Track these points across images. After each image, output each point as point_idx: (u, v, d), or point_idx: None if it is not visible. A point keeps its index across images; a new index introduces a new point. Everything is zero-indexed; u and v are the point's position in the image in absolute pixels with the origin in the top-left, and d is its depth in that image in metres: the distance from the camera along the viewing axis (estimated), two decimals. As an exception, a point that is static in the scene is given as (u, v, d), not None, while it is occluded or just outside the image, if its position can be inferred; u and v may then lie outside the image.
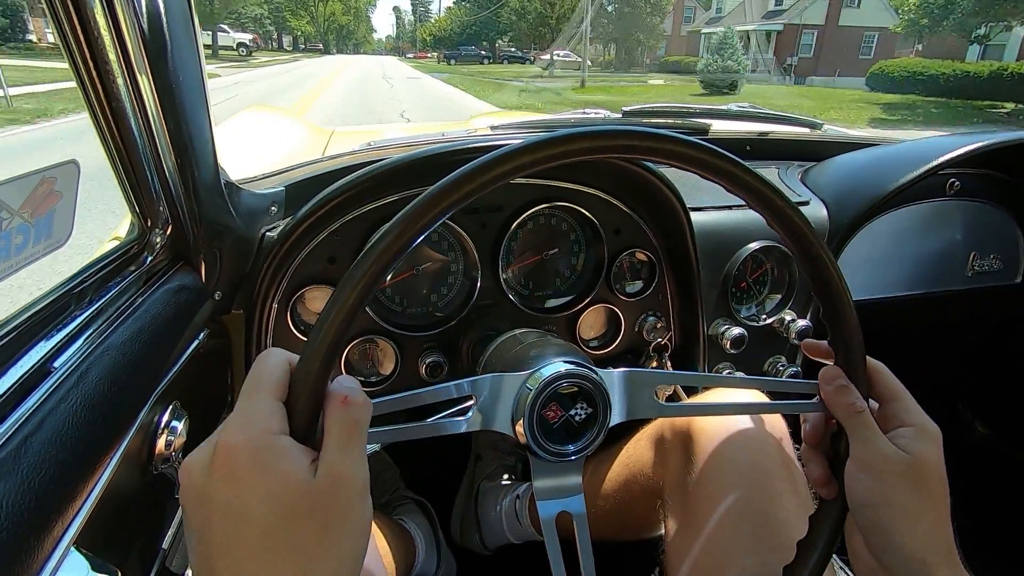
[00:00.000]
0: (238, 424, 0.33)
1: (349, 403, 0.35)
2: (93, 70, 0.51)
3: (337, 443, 0.34)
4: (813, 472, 0.48)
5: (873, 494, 0.43)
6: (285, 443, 0.33)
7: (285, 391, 0.35)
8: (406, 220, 0.36)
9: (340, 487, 0.33)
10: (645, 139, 0.39)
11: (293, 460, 0.32)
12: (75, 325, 0.50)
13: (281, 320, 0.80)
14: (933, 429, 0.44)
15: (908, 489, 0.42)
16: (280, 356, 0.36)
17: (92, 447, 0.43)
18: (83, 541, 0.40)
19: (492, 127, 1.20)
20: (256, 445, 0.32)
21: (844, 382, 0.45)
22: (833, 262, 0.44)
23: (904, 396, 0.46)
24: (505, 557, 1.06)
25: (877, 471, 0.42)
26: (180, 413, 0.56)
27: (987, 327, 1.39)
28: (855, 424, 0.44)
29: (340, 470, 0.33)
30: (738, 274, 0.97)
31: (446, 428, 0.45)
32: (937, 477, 0.43)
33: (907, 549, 0.41)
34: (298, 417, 0.34)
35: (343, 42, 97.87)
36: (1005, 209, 1.17)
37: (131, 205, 0.61)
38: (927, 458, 0.43)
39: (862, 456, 0.43)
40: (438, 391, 0.44)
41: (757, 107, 1.47)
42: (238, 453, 0.32)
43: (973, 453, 1.42)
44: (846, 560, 0.78)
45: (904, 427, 0.44)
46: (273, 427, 0.33)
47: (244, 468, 0.31)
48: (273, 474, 0.32)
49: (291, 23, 76.27)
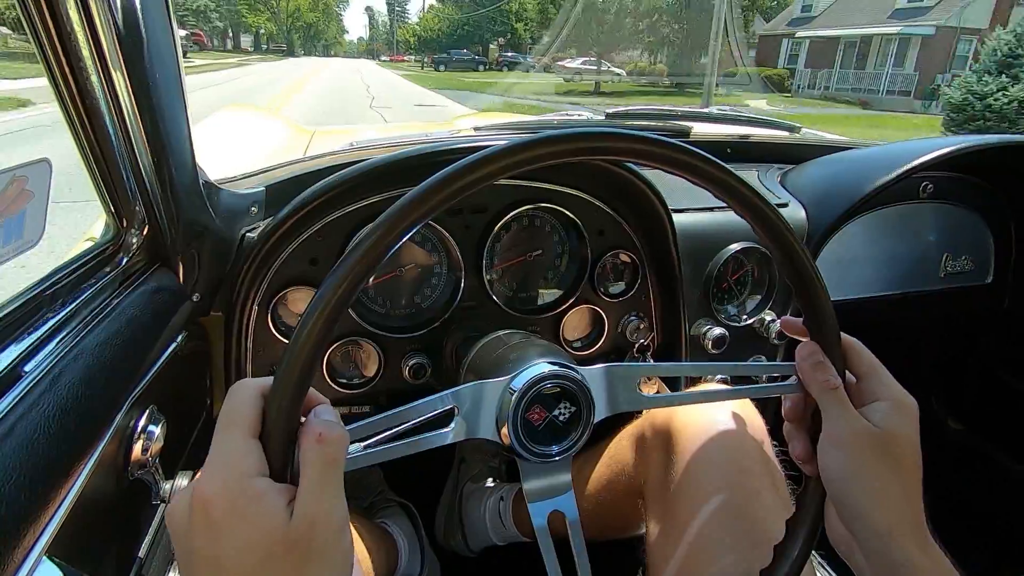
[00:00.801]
0: (213, 469, 0.33)
1: (323, 440, 0.34)
2: (66, 66, 0.50)
3: (312, 482, 0.33)
4: (796, 449, 0.48)
5: (843, 468, 0.43)
6: (261, 486, 0.33)
7: (259, 426, 0.35)
8: (388, 222, 0.36)
9: (316, 528, 0.33)
10: (630, 141, 0.40)
11: (269, 504, 0.32)
12: (47, 328, 0.48)
13: (262, 322, 0.79)
14: (909, 402, 0.45)
15: (877, 463, 0.43)
16: (251, 390, 0.36)
17: (65, 453, 0.41)
18: (56, 550, 0.39)
19: (476, 128, 1.20)
20: (231, 492, 0.32)
21: (820, 358, 0.46)
22: (795, 236, 0.44)
23: (880, 370, 0.46)
24: (489, 559, 1.06)
25: (847, 445, 0.43)
26: (157, 417, 0.55)
27: (959, 326, 1.43)
28: (828, 400, 0.45)
29: (315, 511, 0.33)
30: (719, 275, 0.98)
31: (430, 442, 0.44)
32: (909, 450, 0.44)
33: (875, 520, 0.42)
34: (273, 455, 0.34)
35: (311, 42, 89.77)
36: (977, 212, 1.21)
37: (106, 205, 0.60)
38: (899, 431, 0.44)
39: (833, 432, 0.44)
40: (420, 407, 0.44)
41: (738, 110, 1.50)
42: (214, 502, 0.32)
43: (946, 449, 1.45)
44: (824, 555, 0.80)
45: (880, 401, 0.45)
46: (248, 469, 0.33)
47: (221, 517, 0.32)
48: (249, 522, 0.32)
49: (247, 19, 68.85)
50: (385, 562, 0.86)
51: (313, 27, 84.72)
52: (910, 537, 0.42)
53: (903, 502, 0.43)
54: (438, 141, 0.91)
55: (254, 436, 0.34)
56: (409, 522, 1.04)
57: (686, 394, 0.51)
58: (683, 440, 0.67)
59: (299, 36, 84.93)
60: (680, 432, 0.68)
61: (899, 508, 0.42)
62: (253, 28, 72.88)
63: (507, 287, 0.92)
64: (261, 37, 78.54)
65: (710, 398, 0.59)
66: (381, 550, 0.85)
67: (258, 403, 0.35)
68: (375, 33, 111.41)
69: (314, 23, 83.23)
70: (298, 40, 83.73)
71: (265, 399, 0.35)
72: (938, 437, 1.47)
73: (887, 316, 1.21)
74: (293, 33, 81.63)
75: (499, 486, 1.06)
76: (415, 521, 1.05)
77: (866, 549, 0.43)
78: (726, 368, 0.56)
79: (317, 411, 0.36)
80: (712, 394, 0.57)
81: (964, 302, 1.25)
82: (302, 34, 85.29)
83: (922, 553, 0.41)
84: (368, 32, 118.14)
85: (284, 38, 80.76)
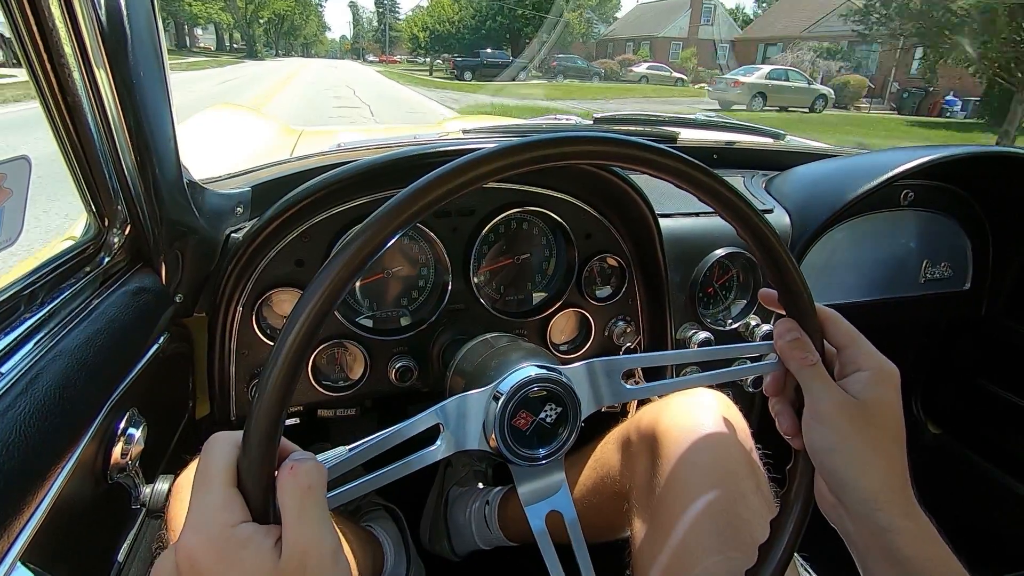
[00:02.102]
0: (194, 525, 0.33)
1: (296, 471, 0.34)
2: (47, 63, 0.49)
3: (293, 514, 0.33)
4: (783, 424, 0.49)
5: (826, 441, 0.44)
6: (245, 532, 0.32)
7: (235, 475, 0.34)
8: (376, 225, 0.35)
9: (308, 557, 0.33)
10: (620, 146, 0.40)
11: (256, 547, 0.32)
12: (25, 328, 0.48)
13: (246, 324, 0.78)
14: (889, 369, 0.46)
15: (859, 434, 0.43)
16: (226, 442, 0.36)
17: (42, 456, 0.41)
18: (31, 556, 0.38)
19: (464, 130, 1.20)
20: (216, 543, 0.32)
21: (797, 334, 0.46)
22: (763, 219, 0.44)
23: (859, 340, 0.47)
24: (474, 563, 1.06)
25: (829, 419, 0.44)
26: (138, 420, 0.54)
27: (938, 332, 1.46)
28: (807, 376, 0.46)
29: (303, 542, 0.33)
30: (705, 279, 0.99)
31: (421, 461, 0.44)
32: (891, 418, 0.45)
33: (861, 489, 0.43)
34: (253, 501, 0.34)
35: (286, 40, 73.43)
36: (955, 220, 1.23)
37: (87, 203, 0.59)
38: (880, 400, 0.44)
39: (815, 406, 0.45)
40: (404, 429, 0.43)
41: (724, 117, 1.51)
42: (200, 556, 0.32)
43: (926, 453, 1.48)
44: (807, 557, 0.80)
45: (861, 371, 0.45)
46: (229, 519, 0.33)
47: (209, 568, 0.31)
48: (239, 569, 0.31)
49: (193, 8, 49.58)
50: (371, 565, 0.85)
51: (286, 20, 67.76)
52: (894, 503, 0.43)
53: (887, 470, 0.43)
54: (427, 143, 0.90)
55: (232, 485, 0.34)
56: (395, 525, 1.03)
57: (668, 382, 0.51)
58: (668, 443, 0.68)
59: (267, 32, 67.73)
60: (665, 435, 0.68)
61: (883, 476, 0.43)
62: (203, 21, 55.51)
63: (494, 290, 0.92)
64: (223, 35, 62.42)
65: (693, 384, 0.59)
66: (367, 553, 0.84)
67: (232, 453, 0.35)
68: (359, 30, 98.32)
69: (287, 15, 66.43)
70: (260, 37, 64.52)
71: (239, 448, 0.35)
72: (918, 441, 1.49)
73: (868, 321, 1.21)
74: (255, 27, 62.43)
75: (485, 490, 1.06)
76: (401, 525, 1.04)
77: (853, 516, 0.44)
78: (705, 354, 0.56)
79: (292, 456, 0.36)
80: (695, 380, 0.57)
81: (943, 308, 1.27)
82: (272, 29, 68.28)
83: (906, 517, 0.42)
84: (352, 29, 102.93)
85: (244, 33, 61.39)
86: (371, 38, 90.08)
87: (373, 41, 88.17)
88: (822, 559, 0.48)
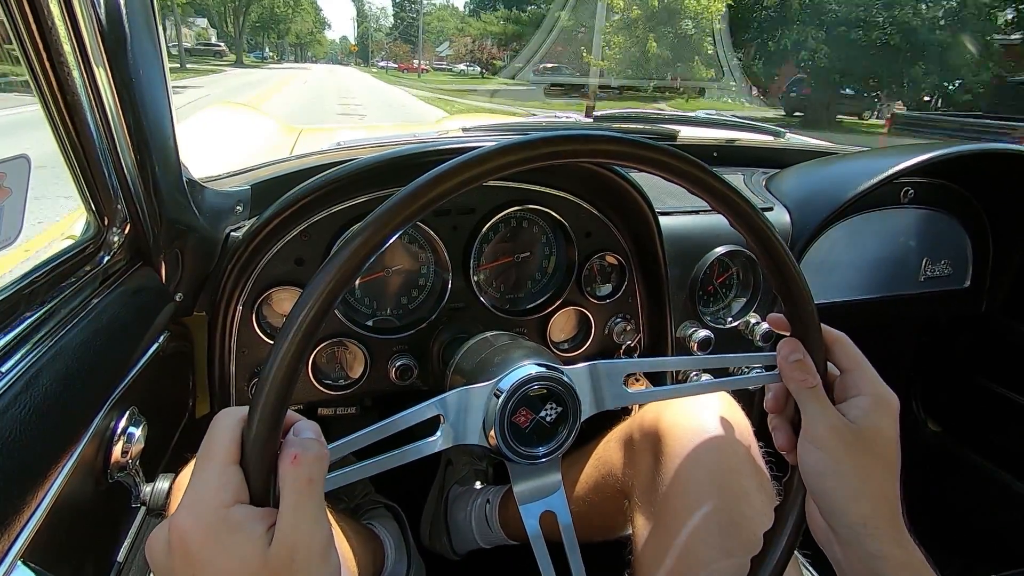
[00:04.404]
0: (190, 502, 0.33)
1: (299, 462, 0.34)
2: (46, 61, 0.49)
3: (290, 505, 0.33)
4: (779, 440, 0.49)
5: (820, 464, 0.44)
6: (238, 515, 0.32)
7: (238, 453, 0.34)
8: (375, 224, 0.35)
9: (297, 552, 0.32)
10: (621, 144, 0.40)
11: (247, 533, 0.32)
12: (24, 327, 0.47)
13: (246, 322, 0.78)
14: (889, 398, 0.46)
15: (853, 459, 0.43)
16: (231, 418, 0.36)
17: (42, 456, 0.41)
18: (32, 555, 0.38)
19: (464, 129, 1.20)
20: (208, 524, 0.32)
21: (800, 355, 0.46)
22: (774, 231, 0.44)
23: (863, 365, 0.47)
24: (475, 562, 1.06)
25: (825, 442, 0.44)
26: (138, 419, 0.54)
27: (938, 330, 1.46)
28: (806, 398, 0.46)
29: (295, 535, 0.33)
30: (705, 277, 0.99)
31: (418, 452, 0.44)
32: (886, 446, 0.44)
33: (851, 514, 0.43)
34: (253, 480, 0.34)
35: (272, 37, 62.82)
36: (955, 217, 1.23)
37: (87, 202, 0.59)
38: (876, 427, 0.44)
39: (811, 428, 0.45)
40: (405, 418, 0.43)
41: (724, 114, 1.51)
42: (190, 535, 0.32)
43: (925, 450, 1.48)
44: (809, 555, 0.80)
45: (861, 396, 0.45)
46: (225, 499, 0.33)
47: (198, 549, 0.31)
48: (228, 553, 0.31)
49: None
50: (371, 563, 0.85)
51: (278, 16, 57.53)
52: (884, 530, 0.42)
53: (878, 497, 0.43)
54: (426, 141, 0.90)
55: (234, 463, 0.34)
56: (396, 524, 1.03)
57: (670, 388, 0.52)
58: (671, 442, 0.68)
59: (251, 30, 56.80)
60: (668, 434, 0.68)
61: (874, 503, 0.43)
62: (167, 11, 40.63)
63: (494, 288, 0.92)
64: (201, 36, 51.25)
65: (694, 391, 0.60)
66: (367, 551, 0.84)
67: (237, 430, 0.35)
68: (366, 28, 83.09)
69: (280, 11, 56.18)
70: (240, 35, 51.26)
71: (244, 424, 0.35)
72: (917, 439, 1.49)
73: (868, 319, 1.23)
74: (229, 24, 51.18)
75: (485, 489, 1.06)
76: (401, 523, 1.04)
77: (841, 541, 0.44)
78: (709, 362, 0.56)
79: (297, 428, 0.36)
80: (696, 387, 0.58)
81: (943, 306, 1.27)
82: (261, 30, 59.17)
83: (895, 545, 0.42)
84: (357, 28, 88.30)
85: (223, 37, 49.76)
86: (386, 37, 74.08)
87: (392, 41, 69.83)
88: (823, 559, 0.48)
